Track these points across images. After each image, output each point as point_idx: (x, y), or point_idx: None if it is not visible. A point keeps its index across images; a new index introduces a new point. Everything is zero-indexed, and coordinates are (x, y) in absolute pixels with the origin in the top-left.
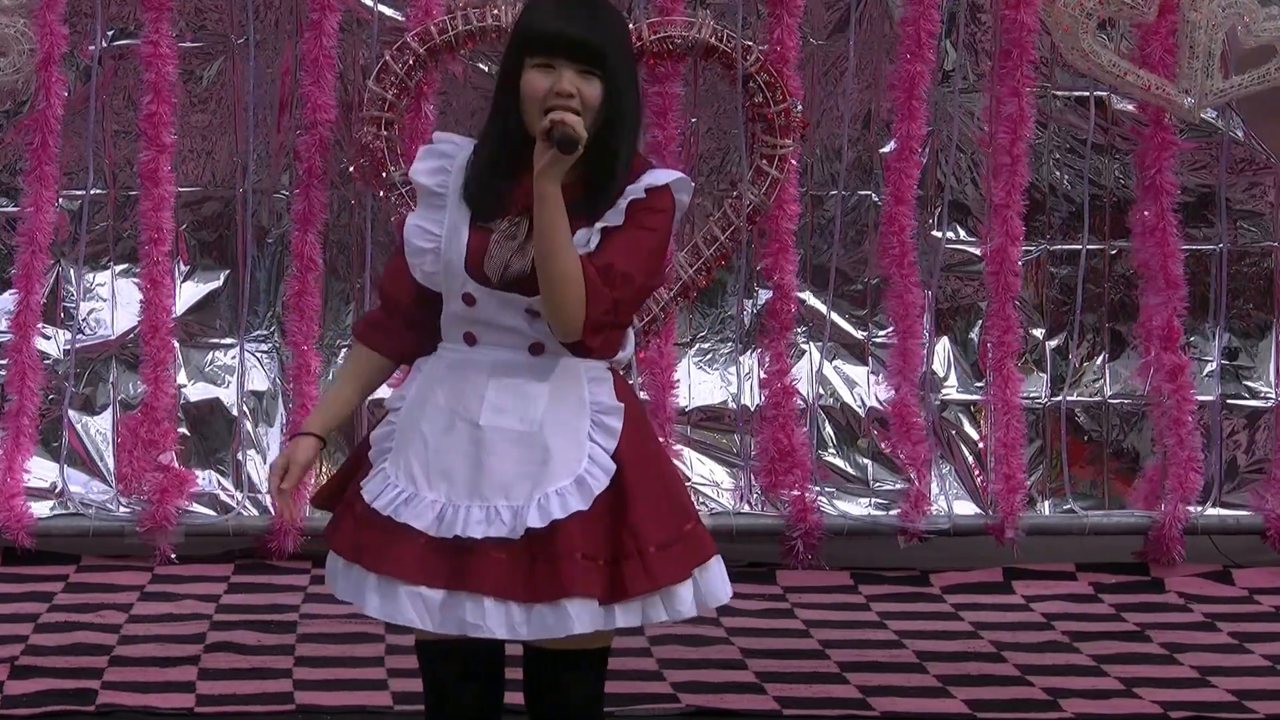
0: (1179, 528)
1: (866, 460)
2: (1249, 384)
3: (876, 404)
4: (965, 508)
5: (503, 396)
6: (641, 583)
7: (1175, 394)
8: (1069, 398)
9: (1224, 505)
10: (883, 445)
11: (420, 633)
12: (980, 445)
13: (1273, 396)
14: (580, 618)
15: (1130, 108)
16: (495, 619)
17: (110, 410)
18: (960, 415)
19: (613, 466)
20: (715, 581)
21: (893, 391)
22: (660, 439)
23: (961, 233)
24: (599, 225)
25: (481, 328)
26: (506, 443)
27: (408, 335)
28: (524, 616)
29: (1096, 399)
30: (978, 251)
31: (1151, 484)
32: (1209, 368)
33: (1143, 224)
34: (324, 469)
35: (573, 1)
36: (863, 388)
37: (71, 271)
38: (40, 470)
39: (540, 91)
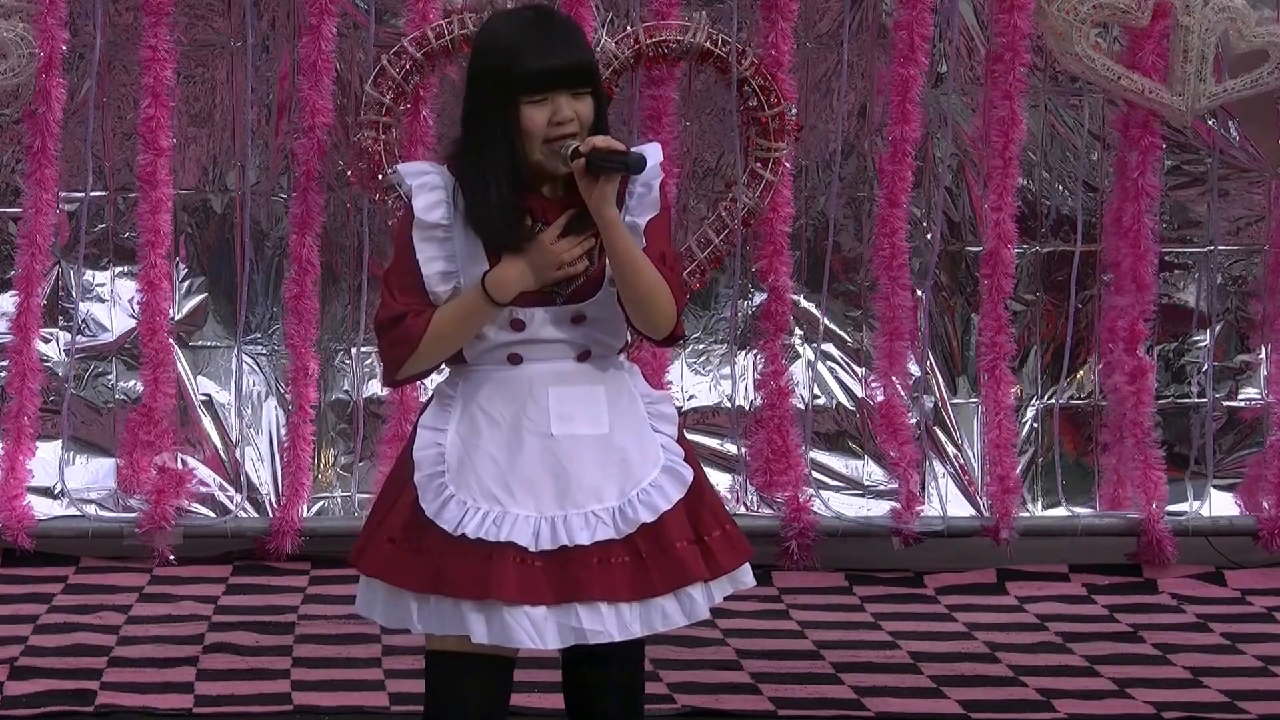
0: (1159, 529)
1: (861, 461)
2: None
3: (870, 405)
4: (960, 509)
5: (566, 405)
6: (730, 556)
7: (1135, 396)
8: (1062, 400)
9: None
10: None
11: (435, 642)
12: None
13: (1259, 398)
14: (701, 602)
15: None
16: (610, 621)
17: (110, 411)
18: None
19: (680, 451)
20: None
21: (880, 392)
22: None
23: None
24: (631, 220)
25: (528, 346)
26: (582, 449)
27: None
28: (636, 614)
29: (1088, 400)
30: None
31: (1113, 486)
32: (1203, 368)
33: (1119, 225)
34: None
35: (544, 26)
36: (858, 388)
37: (71, 273)
38: (40, 471)
39: (540, 126)
